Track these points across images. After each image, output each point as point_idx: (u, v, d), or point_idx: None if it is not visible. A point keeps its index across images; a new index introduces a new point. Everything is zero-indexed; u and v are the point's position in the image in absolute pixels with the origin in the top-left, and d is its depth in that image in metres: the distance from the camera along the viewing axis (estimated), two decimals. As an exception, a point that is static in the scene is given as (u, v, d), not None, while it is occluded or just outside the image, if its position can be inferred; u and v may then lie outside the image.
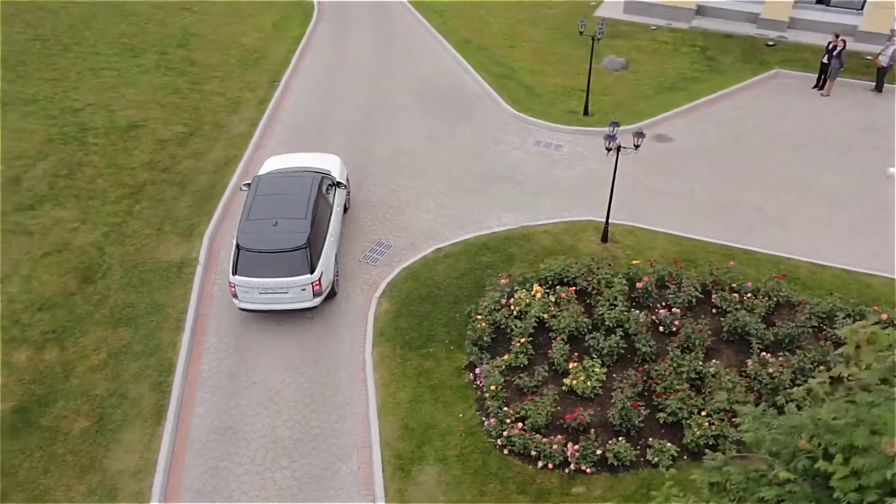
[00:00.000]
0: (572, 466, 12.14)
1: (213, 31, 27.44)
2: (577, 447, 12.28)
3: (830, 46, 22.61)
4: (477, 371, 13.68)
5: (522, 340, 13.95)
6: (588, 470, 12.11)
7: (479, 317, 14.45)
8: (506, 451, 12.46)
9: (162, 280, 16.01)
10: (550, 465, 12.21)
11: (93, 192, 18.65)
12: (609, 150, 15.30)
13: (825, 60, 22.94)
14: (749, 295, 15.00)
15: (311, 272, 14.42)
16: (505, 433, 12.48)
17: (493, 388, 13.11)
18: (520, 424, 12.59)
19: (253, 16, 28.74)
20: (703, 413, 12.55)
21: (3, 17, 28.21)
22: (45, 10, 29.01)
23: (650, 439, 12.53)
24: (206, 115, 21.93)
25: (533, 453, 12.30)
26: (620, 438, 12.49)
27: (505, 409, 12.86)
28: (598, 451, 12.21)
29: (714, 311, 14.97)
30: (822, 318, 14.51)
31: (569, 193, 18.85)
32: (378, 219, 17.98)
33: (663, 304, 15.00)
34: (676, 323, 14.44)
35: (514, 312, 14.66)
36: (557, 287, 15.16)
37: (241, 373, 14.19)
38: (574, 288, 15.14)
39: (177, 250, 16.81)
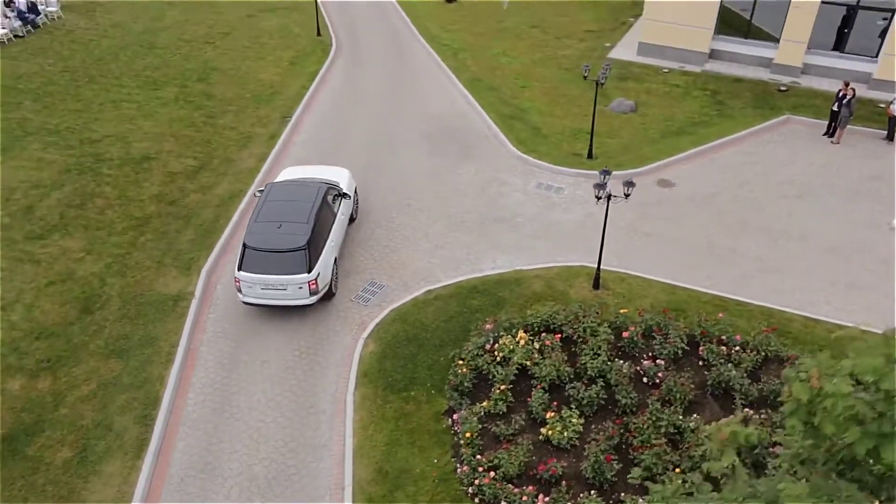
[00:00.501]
0: (542, 519, 12.06)
1: (234, 65, 28.24)
2: (547, 499, 12.21)
3: (840, 95, 22.47)
4: (455, 417, 13.72)
5: (503, 387, 13.97)
6: (557, 523, 12.02)
7: (460, 362, 14.52)
8: (476, 501, 12.43)
9: (158, 313, 16.39)
10: (520, 517, 12.14)
11: (101, 223, 19.22)
12: (599, 198, 15.35)
13: (835, 108, 22.79)
14: (737, 348, 14.84)
15: (309, 272, 15.59)
16: (476, 481, 12.47)
17: (468, 435, 13.13)
18: (492, 473, 12.57)
19: (273, 51, 29.53)
20: (678, 470, 12.40)
21: (39, 49, 29.43)
22: (78, 43, 30.17)
23: (623, 494, 12.41)
24: (217, 149, 22.51)
25: (503, 503, 12.26)
26: (593, 492, 12.39)
27: (478, 457, 12.86)
28: (569, 505, 12.13)
29: (701, 363, 14.82)
30: (811, 375, 14.24)
31: (566, 237, 18.90)
32: (374, 257, 18.21)
33: (649, 354, 14.91)
34: (660, 375, 14.33)
35: (498, 358, 14.70)
36: (543, 334, 15.16)
37: (225, 408, 14.42)
38: (560, 335, 15.13)
39: (175, 283, 17.21)
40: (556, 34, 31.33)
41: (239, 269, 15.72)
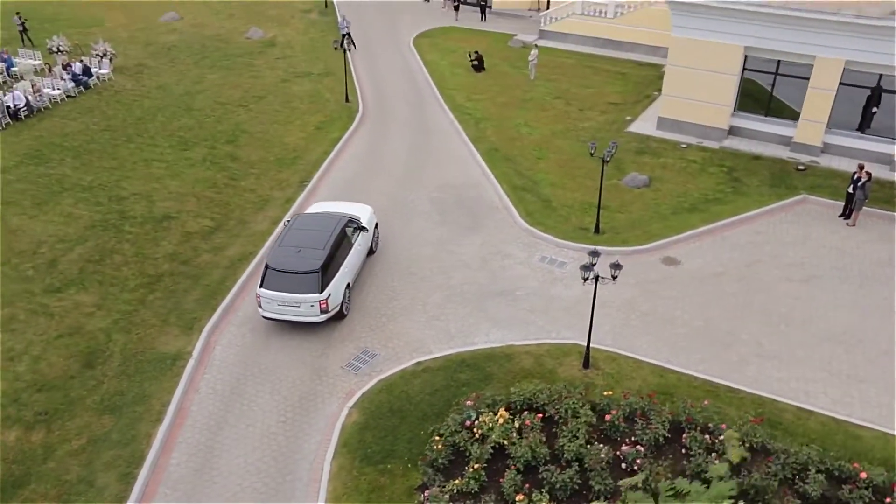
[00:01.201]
0: None
1: (263, 129, 29.44)
2: (507, 586, 12.04)
3: (855, 177, 22.26)
4: (426, 494, 13.72)
5: (476, 466, 13.95)
6: None
7: (437, 438, 14.57)
8: (437, 582, 12.34)
9: (155, 371, 16.93)
10: None
11: (115, 279, 20.06)
12: (585, 279, 15.45)
13: (850, 191, 22.54)
14: (722, 437, 14.54)
15: (320, 292, 17.42)
16: (439, 563, 12.40)
17: (436, 513, 13.11)
18: (455, 555, 12.49)
19: (302, 116, 30.72)
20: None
21: (87, 109, 31.23)
22: (122, 104, 31.91)
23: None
24: (234, 211, 23.39)
25: (463, 588, 12.14)
26: (555, 581, 12.18)
27: (443, 537, 12.80)
28: None
29: (683, 451, 14.56)
30: (796, 471, 13.89)
31: (563, 313, 18.93)
32: (370, 325, 18.52)
33: (631, 439, 14.72)
34: (639, 461, 14.12)
35: (477, 435, 14.70)
36: (525, 412, 15.14)
37: (205, 470, 14.70)
38: (541, 415, 15.08)
39: (175, 342, 17.78)
40: (580, 106, 31.83)
41: (260, 286, 17.72)
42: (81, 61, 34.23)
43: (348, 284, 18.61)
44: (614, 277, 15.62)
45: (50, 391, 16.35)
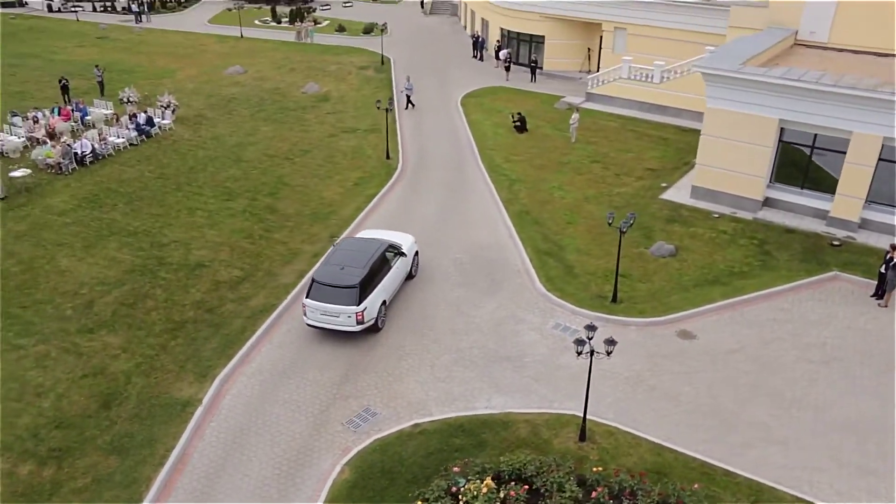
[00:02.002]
0: None
1: (303, 182, 30.68)
2: None
3: (888, 258, 21.66)
4: (402, 559, 13.85)
5: (455, 534, 14.00)
6: None
7: (421, 502, 14.70)
8: None
9: (165, 415, 17.70)
10: None
11: (143, 324, 21.13)
12: (579, 353, 15.51)
13: (882, 270, 21.90)
14: (710, 524, 14.22)
15: (357, 305, 19.64)
16: None
17: (408, 580, 13.20)
18: None
19: (342, 171, 31.87)
20: None
21: (145, 157, 33.25)
22: (178, 153, 33.84)
23: None
24: (263, 263, 24.37)
25: None
26: None
27: None
28: None
29: (670, 535, 14.27)
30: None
31: (568, 383, 18.90)
32: (376, 384, 18.90)
33: (616, 518, 14.52)
34: (620, 543, 13.91)
35: (461, 503, 14.75)
36: (513, 483, 15.14)
37: (198, 518, 15.22)
38: (528, 486, 15.05)
39: (188, 389, 18.56)
40: (617, 171, 31.99)
41: (306, 297, 20.15)
42: (146, 112, 36.52)
43: (384, 301, 20.94)
44: (609, 353, 15.61)
45: (67, 429, 17.28)
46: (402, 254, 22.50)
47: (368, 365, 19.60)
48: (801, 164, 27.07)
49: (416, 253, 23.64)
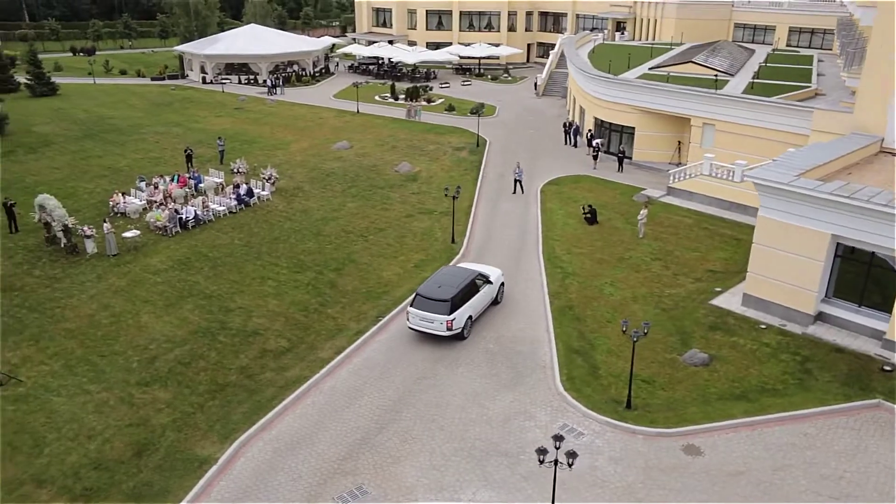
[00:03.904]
0: None
1: (369, 261, 32.92)
2: None
3: (926, 392, 20.47)
4: None
5: None
6: None
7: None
8: None
9: (184, 469, 19.79)
10: None
11: (192, 382, 23.66)
12: (541, 462, 16.10)
13: (920, 406, 20.70)
14: None
15: (448, 315, 25.20)
16: None
17: None
18: None
19: (408, 252, 33.87)
20: None
21: (239, 225, 36.93)
22: (268, 223, 37.31)
23: None
24: (309, 336, 26.50)
25: None
26: None
27: None
28: None
29: None
30: None
31: (558, 485, 19.22)
32: (374, 463, 20.14)
33: None
34: None
35: (412, 592, 15.62)
36: (467, 579, 15.81)
37: (185, 570, 16.96)
38: (479, 585, 15.66)
39: (210, 447, 20.63)
40: (676, 270, 31.91)
41: (410, 305, 26.07)
42: (248, 183, 40.58)
43: (470, 317, 26.41)
44: (570, 465, 16.08)
45: (102, 471, 19.74)
46: (489, 282, 28.03)
47: (375, 444, 20.89)
48: (862, 279, 26.06)
49: (502, 284, 29.19)
